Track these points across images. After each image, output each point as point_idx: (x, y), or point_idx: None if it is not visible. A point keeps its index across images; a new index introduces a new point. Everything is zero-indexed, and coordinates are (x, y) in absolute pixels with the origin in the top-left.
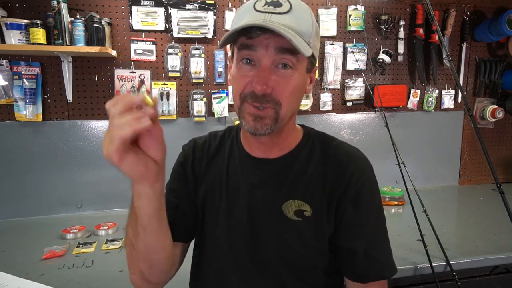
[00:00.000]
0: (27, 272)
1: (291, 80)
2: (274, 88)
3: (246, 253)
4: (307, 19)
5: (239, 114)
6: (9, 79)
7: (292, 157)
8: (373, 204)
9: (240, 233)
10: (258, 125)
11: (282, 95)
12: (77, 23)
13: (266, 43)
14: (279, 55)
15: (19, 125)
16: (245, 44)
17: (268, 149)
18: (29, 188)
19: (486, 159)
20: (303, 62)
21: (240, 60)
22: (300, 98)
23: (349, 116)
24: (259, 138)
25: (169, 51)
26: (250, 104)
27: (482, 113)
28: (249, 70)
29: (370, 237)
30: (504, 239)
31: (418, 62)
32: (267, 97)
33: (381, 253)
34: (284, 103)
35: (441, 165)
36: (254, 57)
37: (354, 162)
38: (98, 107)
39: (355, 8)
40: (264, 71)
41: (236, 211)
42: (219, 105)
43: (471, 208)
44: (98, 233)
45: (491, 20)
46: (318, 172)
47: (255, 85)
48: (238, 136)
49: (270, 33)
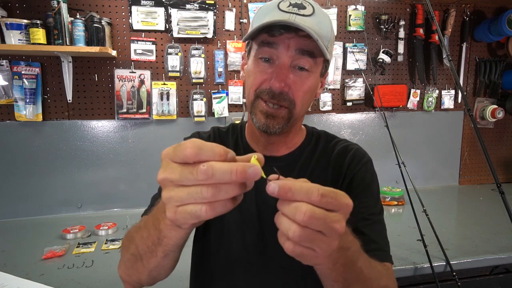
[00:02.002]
0: (27, 272)
1: (307, 81)
2: (290, 87)
3: (255, 249)
4: (327, 24)
5: (250, 110)
6: (9, 79)
7: (297, 155)
8: (368, 188)
9: (249, 230)
10: (270, 123)
11: (298, 95)
12: (77, 23)
13: (288, 42)
14: (298, 55)
15: (19, 125)
16: (266, 41)
17: (276, 148)
18: (29, 188)
19: (486, 159)
20: (319, 66)
21: (259, 57)
22: (312, 100)
23: (349, 116)
24: (269, 137)
25: (169, 51)
26: (264, 101)
27: (482, 113)
28: (267, 67)
29: (362, 216)
30: (504, 239)
31: (418, 62)
32: (284, 95)
33: (373, 233)
34: (298, 103)
35: (441, 165)
36: (274, 55)
37: (352, 153)
38: (98, 107)
39: (355, 8)
40: (284, 69)
41: (245, 207)
42: (219, 105)
43: (471, 208)
44: (98, 233)
45: (491, 20)
46: (320, 167)
47: (274, 82)
48: (243, 133)
49: (293, 33)
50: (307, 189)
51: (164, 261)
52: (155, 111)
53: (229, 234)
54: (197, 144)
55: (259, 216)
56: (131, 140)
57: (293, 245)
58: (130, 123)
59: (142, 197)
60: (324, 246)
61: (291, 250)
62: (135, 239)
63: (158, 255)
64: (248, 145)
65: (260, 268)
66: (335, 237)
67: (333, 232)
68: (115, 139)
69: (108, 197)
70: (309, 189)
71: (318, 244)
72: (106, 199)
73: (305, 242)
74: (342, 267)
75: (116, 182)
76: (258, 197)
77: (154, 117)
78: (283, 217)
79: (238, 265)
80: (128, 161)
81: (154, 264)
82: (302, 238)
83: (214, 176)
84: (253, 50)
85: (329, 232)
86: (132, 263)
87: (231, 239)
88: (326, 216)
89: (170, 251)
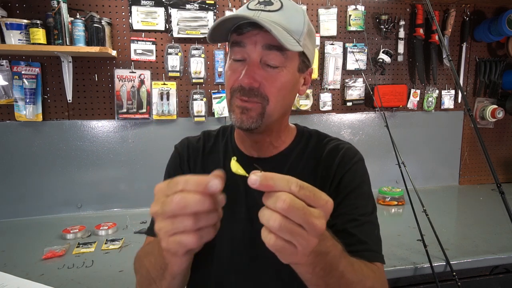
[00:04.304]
0: (27, 272)
1: (279, 76)
2: (261, 83)
3: (247, 252)
4: (298, 18)
5: (229, 109)
6: (9, 79)
7: (285, 155)
8: (357, 189)
9: (240, 232)
10: (244, 117)
11: (270, 91)
12: (77, 23)
13: (254, 39)
14: (266, 51)
15: (19, 125)
16: (235, 41)
17: (261, 148)
18: (29, 188)
19: (486, 159)
20: (294, 60)
21: (232, 57)
22: (291, 97)
23: (349, 116)
24: (252, 136)
25: (169, 51)
26: (238, 98)
27: (482, 113)
28: (239, 65)
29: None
30: (504, 239)
31: (418, 62)
32: (254, 91)
33: (362, 234)
34: (272, 99)
35: (441, 165)
36: (244, 53)
37: (342, 153)
38: (98, 107)
39: (355, 8)
40: (252, 66)
41: (236, 210)
42: (219, 105)
43: (471, 208)
44: (98, 233)
45: (491, 20)
46: (309, 167)
47: (243, 78)
48: (232, 136)
49: (258, 29)
50: (287, 179)
51: (175, 282)
52: (155, 111)
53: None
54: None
55: (250, 220)
56: (131, 140)
57: (274, 238)
58: (130, 123)
59: (142, 197)
60: (303, 242)
61: (272, 243)
62: (145, 263)
63: (167, 278)
64: (237, 147)
65: (253, 273)
66: (315, 234)
67: (313, 228)
68: (115, 139)
69: (108, 197)
70: (289, 179)
71: (298, 238)
72: (106, 199)
73: (285, 233)
74: (322, 271)
75: (116, 182)
76: (249, 201)
77: (154, 117)
78: (266, 209)
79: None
80: (128, 161)
81: (166, 286)
82: (282, 228)
83: (187, 205)
84: (229, 51)
85: (309, 227)
86: (147, 286)
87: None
88: (305, 208)
89: (176, 274)
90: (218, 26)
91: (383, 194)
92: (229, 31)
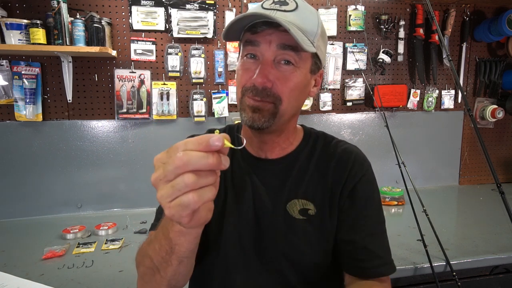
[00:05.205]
0: (27, 272)
1: (292, 76)
2: (274, 83)
3: (253, 252)
4: (312, 20)
5: (240, 108)
6: (9, 79)
7: (294, 157)
8: (372, 199)
9: (246, 233)
10: (256, 116)
11: (283, 91)
12: (77, 23)
13: (269, 38)
14: (281, 50)
15: (19, 125)
16: (249, 40)
17: (270, 149)
18: (29, 188)
19: (486, 159)
20: (307, 61)
21: (245, 55)
22: (302, 97)
23: (349, 116)
24: (261, 136)
25: (169, 51)
26: (251, 98)
27: (482, 113)
28: (252, 64)
29: (369, 231)
30: (504, 239)
31: (418, 62)
32: (267, 91)
33: (379, 249)
34: (284, 99)
35: (441, 165)
36: (257, 52)
37: (353, 158)
38: (98, 107)
39: (355, 8)
40: (265, 65)
41: (243, 211)
42: (219, 105)
43: (471, 208)
44: (98, 233)
45: (491, 20)
46: (319, 170)
47: (256, 78)
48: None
49: (273, 29)
50: None
51: (180, 268)
52: (155, 111)
53: (226, 237)
54: (184, 142)
55: (257, 220)
56: (131, 140)
57: None
58: (130, 123)
59: (142, 197)
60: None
61: None
62: (149, 252)
63: (173, 263)
64: (244, 148)
65: (258, 271)
66: None
67: None
68: (115, 139)
69: (108, 197)
70: None
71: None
72: (106, 199)
73: None
74: None
75: (116, 182)
76: (256, 202)
77: (154, 117)
78: None
79: (235, 268)
80: (128, 161)
81: (171, 273)
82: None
83: (189, 161)
84: (241, 50)
85: None
86: (150, 277)
87: (229, 242)
88: None
89: (183, 257)
90: (235, 24)
91: (383, 194)
92: (242, 30)
